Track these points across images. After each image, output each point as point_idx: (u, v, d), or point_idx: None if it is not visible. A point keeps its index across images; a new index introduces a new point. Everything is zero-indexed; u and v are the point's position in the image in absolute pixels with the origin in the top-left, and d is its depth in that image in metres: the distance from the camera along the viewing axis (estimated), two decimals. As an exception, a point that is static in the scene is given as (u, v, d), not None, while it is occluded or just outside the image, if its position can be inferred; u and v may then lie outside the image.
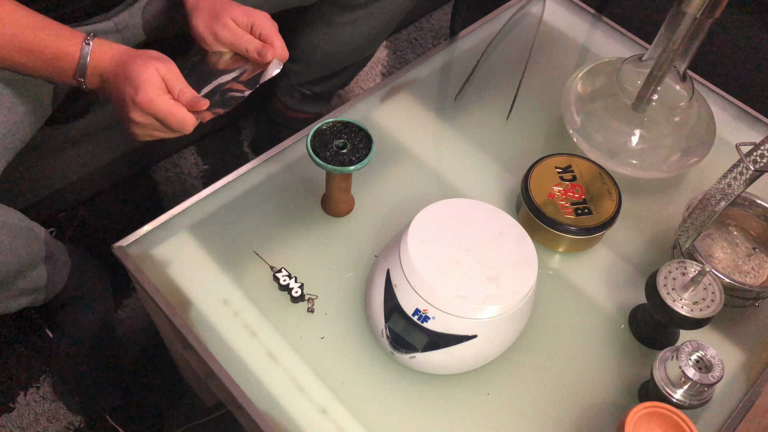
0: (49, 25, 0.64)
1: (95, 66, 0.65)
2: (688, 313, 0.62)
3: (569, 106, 0.84)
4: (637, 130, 0.79)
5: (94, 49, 0.64)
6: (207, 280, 0.70)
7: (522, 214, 0.76)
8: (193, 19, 0.72)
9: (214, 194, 0.76)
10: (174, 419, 0.98)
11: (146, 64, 0.63)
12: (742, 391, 0.68)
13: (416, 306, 0.61)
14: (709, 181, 0.73)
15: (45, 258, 0.80)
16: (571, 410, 0.65)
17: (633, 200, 0.81)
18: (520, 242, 0.65)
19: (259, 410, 0.62)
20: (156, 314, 0.76)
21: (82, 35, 0.64)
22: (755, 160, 0.62)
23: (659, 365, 0.61)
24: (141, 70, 0.63)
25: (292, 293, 0.68)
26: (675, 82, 0.79)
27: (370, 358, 0.66)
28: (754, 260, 0.76)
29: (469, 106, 0.90)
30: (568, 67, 0.96)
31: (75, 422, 0.96)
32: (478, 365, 0.64)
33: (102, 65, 0.65)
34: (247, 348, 0.66)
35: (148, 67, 0.63)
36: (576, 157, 0.78)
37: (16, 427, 0.96)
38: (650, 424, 0.57)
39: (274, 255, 0.72)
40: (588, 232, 0.72)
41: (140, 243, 0.72)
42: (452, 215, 0.65)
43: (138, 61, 0.63)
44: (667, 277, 0.64)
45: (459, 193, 0.80)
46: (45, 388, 0.99)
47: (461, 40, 0.98)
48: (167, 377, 1.00)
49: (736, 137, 0.88)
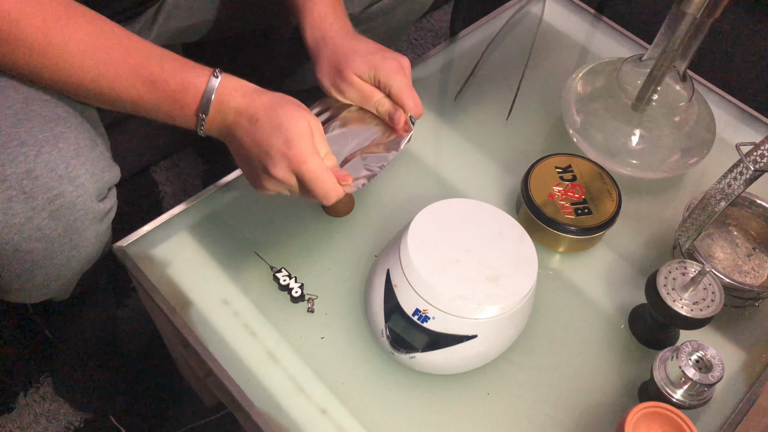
0: (174, 56, 0.58)
1: (222, 101, 0.58)
2: (688, 313, 0.62)
3: (569, 106, 0.84)
4: (637, 130, 0.79)
5: (223, 83, 0.58)
6: (207, 280, 0.70)
7: (522, 214, 0.76)
8: (316, 70, 0.68)
9: (214, 194, 0.76)
10: (174, 419, 0.97)
11: (298, 114, 0.57)
12: (742, 391, 0.68)
13: (416, 306, 0.61)
14: (709, 181, 0.73)
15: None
16: (571, 410, 0.65)
17: (633, 200, 0.81)
18: (520, 242, 0.65)
19: (259, 410, 0.62)
20: (156, 314, 0.76)
21: (209, 69, 0.58)
22: (755, 160, 0.62)
23: (659, 365, 0.61)
24: (293, 122, 0.56)
25: (292, 293, 0.68)
26: (675, 82, 0.79)
27: (370, 358, 0.66)
28: (754, 260, 0.76)
29: (469, 106, 0.90)
30: (568, 67, 0.96)
31: (75, 422, 0.96)
32: (478, 365, 0.64)
33: (230, 102, 0.58)
34: (247, 348, 0.66)
35: (300, 119, 0.57)
36: (576, 157, 0.78)
37: (16, 427, 0.96)
38: (650, 424, 0.57)
39: (274, 255, 0.72)
40: (588, 232, 0.72)
41: (140, 243, 0.72)
42: (452, 215, 0.65)
43: (287, 109, 0.57)
44: (667, 277, 0.64)
45: (459, 193, 0.80)
46: (45, 388, 0.99)
47: (461, 40, 0.98)
48: (167, 377, 1.00)
49: (736, 137, 0.88)
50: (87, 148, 0.58)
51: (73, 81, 0.56)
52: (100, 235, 0.63)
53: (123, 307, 1.06)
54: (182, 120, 0.60)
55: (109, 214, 0.64)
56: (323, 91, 0.70)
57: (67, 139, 0.56)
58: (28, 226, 0.55)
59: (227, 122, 0.59)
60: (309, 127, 0.58)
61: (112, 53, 0.56)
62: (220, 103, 0.58)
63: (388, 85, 0.66)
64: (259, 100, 0.58)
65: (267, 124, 0.57)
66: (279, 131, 0.57)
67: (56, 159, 0.55)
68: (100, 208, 0.60)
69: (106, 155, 0.61)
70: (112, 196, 0.64)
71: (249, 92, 0.59)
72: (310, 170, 0.57)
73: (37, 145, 0.54)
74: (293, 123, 0.56)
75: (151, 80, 0.57)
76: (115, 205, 0.64)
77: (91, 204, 0.59)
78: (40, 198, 0.55)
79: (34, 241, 0.57)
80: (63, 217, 0.57)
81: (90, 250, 0.63)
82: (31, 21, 0.53)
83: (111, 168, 0.61)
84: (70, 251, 0.61)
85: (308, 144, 0.57)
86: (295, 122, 0.57)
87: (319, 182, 0.57)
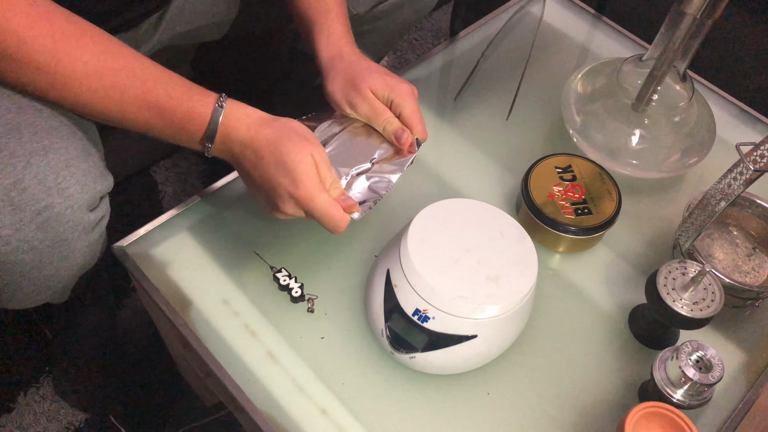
0: (181, 81, 0.59)
1: (227, 132, 0.59)
2: (688, 313, 0.62)
3: (569, 106, 0.84)
4: (637, 130, 0.79)
5: (227, 113, 0.59)
6: (207, 280, 0.70)
7: (522, 214, 0.76)
8: (328, 83, 0.68)
9: (214, 194, 0.76)
10: (174, 419, 0.98)
11: (302, 149, 0.58)
12: (742, 391, 0.68)
13: (416, 306, 0.61)
14: (709, 181, 0.73)
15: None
16: (571, 410, 0.65)
17: (633, 200, 0.81)
18: (520, 242, 0.65)
19: (259, 410, 0.62)
20: (156, 314, 0.76)
21: (214, 95, 0.59)
22: (755, 160, 0.62)
23: (659, 365, 0.61)
24: (298, 159, 0.58)
25: (292, 293, 0.68)
26: (675, 82, 0.79)
27: (370, 358, 0.66)
28: (754, 260, 0.76)
29: (469, 106, 0.90)
30: (568, 67, 0.96)
31: (75, 422, 0.96)
32: (478, 365, 0.64)
33: (235, 134, 0.59)
34: (247, 348, 0.66)
35: (305, 156, 0.58)
36: (576, 157, 0.78)
37: (16, 427, 0.96)
38: (650, 424, 0.57)
39: (274, 255, 0.72)
40: (588, 232, 0.72)
41: (140, 243, 0.72)
42: (452, 215, 0.65)
43: (290, 145, 0.58)
44: (667, 277, 0.64)
45: (459, 193, 0.80)
46: (45, 388, 0.99)
47: (461, 40, 0.98)
48: (167, 377, 1.00)
49: (736, 137, 0.88)
50: (78, 158, 0.57)
51: (79, 101, 0.56)
52: (91, 243, 0.62)
53: (123, 307, 1.06)
54: (188, 145, 0.61)
55: (101, 223, 0.63)
56: (331, 103, 0.70)
57: (57, 150, 0.55)
58: (15, 237, 0.55)
59: (233, 152, 0.61)
60: (313, 163, 0.59)
61: (120, 76, 0.56)
62: (225, 134, 0.60)
63: (401, 106, 0.68)
64: (263, 134, 0.59)
65: (272, 162, 0.59)
66: (284, 170, 0.58)
67: (45, 170, 0.54)
68: (90, 219, 0.60)
69: (99, 165, 0.60)
70: (104, 205, 0.63)
71: (253, 124, 0.60)
72: (318, 208, 0.59)
73: (27, 156, 0.53)
74: (297, 161, 0.58)
75: (158, 107, 0.58)
76: (107, 212, 0.64)
77: (81, 215, 0.58)
78: (27, 210, 0.54)
79: (21, 252, 0.56)
80: (51, 228, 0.56)
81: (80, 259, 0.62)
82: (41, 41, 0.53)
83: (103, 178, 0.61)
84: (59, 262, 0.60)
85: (314, 182, 0.59)
86: (299, 160, 0.58)
87: (327, 218, 0.60)
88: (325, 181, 0.61)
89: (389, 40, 0.97)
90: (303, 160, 0.58)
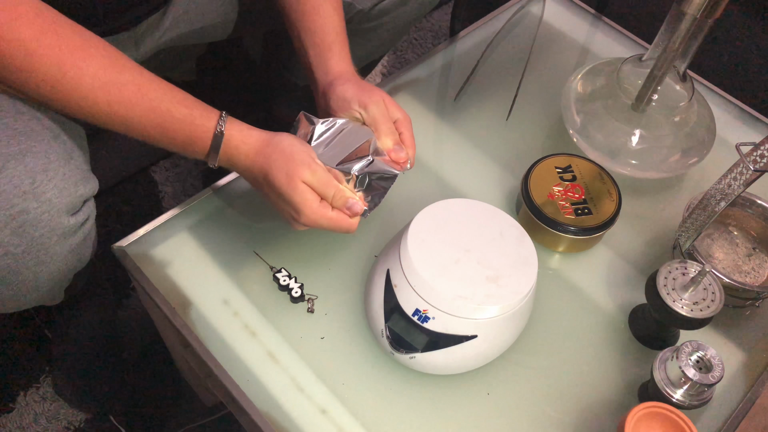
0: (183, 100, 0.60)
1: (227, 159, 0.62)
2: (688, 313, 0.62)
3: (569, 106, 0.84)
4: (637, 130, 0.79)
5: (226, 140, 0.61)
6: (207, 280, 0.70)
7: (522, 214, 0.76)
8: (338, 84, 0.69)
9: (214, 194, 0.77)
10: (174, 419, 0.98)
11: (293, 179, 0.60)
12: (742, 391, 0.68)
13: (416, 306, 0.61)
14: (709, 181, 0.73)
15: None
16: (571, 410, 0.65)
17: (633, 200, 0.81)
18: (520, 242, 0.65)
19: (259, 410, 0.62)
20: (156, 314, 0.76)
21: (215, 118, 0.61)
22: (755, 160, 0.62)
23: (659, 365, 0.61)
24: (291, 189, 0.60)
25: (292, 293, 0.68)
26: (675, 82, 0.79)
27: (370, 358, 0.66)
28: (754, 260, 0.76)
29: (469, 106, 0.90)
30: (568, 67, 0.96)
31: (75, 422, 0.96)
32: (478, 365, 0.64)
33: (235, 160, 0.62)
34: (247, 348, 0.66)
35: (296, 185, 0.60)
36: (576, 157, 0.78)
37: (16, 427, 0.96)
38: (650, 424, 0.57)
39: (274, 255, 0.72)
40: (588, 232, 0.72)
41: (140, 243, 0.72)
42: (452, 215, 0.65)
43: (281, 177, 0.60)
44: (667, 277, 0.64)
45: (459, 193, 0.80)
46: (45, 388, 0.99)
47: (461, 40, 0.98)
48: (167, 377, 1.00)
49: (736, 137, 0.88)
50: (58, 162, 0.56)
51: (83, 112, 0.56)
52: (73, 247, 0.62)
53: (123, 307, 1.06)
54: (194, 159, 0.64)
55: (85, 226, 0.62)
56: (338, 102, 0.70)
57: (36, 154, 0.55)
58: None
59: (239, 171, 0.65)
60: (308, 190, 0.60)
61: (126, 91, 0.56)
62: (226, 160, 0.63)
63: (401, 127, 0.70)
64: (258, 165, 0.62)
65: (271, 193, 0.62)
66: (284, 200, 0.61)
67: (21, 174, 0.54)
68: (70, 223, 0.59)
69: (82, 168, 0.60)
70: (88, 209, 0.62)
71: (250, 153, 0.62)
72: (324, 226, 0.62)
73: (2, 160, 0.53)
74: (290, 191, 0.60)
75: (161, 126, 0.59)
76: (92, 215, 0.63)
77: (60, 219, 0.57)
78: (1, 214, 0.53)
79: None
80: (26, 233, 0.56)
81: (61, 264, 0.62)
82: (48, 53, 0.53)
83: (86, 181, 0.60)
84: (36, 267, 0.59)
85: (312, 207, 0.61)
86: (292, 189, 0.60)
87: (335, 228, 0.63)
88: (326, 197, 0.62)
89: (393, 37, 0.98)
90: (296, 188, 0.60)
